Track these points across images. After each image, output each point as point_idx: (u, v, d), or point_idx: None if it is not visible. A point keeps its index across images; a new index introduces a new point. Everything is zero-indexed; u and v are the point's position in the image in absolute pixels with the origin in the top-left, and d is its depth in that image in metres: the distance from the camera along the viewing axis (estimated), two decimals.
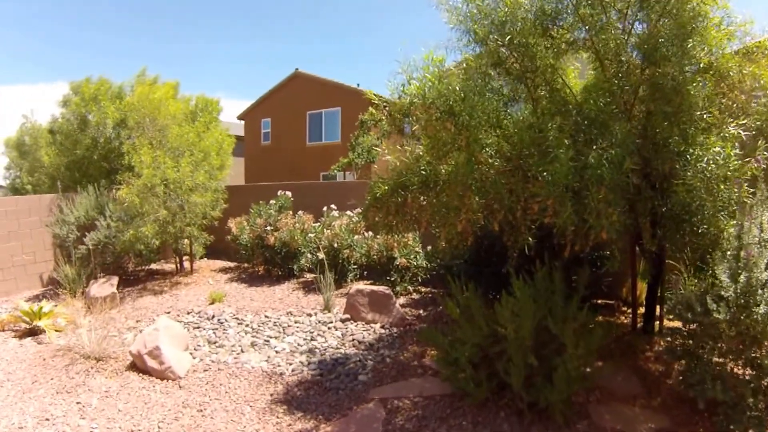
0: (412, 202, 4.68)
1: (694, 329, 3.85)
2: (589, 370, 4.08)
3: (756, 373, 3.42)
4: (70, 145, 10.88)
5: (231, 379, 5.02)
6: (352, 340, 5.92)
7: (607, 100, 4.23)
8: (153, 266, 10.46)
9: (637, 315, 5.58)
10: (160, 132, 9.14)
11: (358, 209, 8.37)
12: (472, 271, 6.22)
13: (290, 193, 9.66)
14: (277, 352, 5.63)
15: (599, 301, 6.34)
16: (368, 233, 7.97)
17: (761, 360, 3.39)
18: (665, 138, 4.10)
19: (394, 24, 72.47)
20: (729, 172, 3.81)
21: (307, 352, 5.59)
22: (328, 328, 6.31)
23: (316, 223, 8.82)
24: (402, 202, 4.73)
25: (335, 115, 22.72)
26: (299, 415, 4.33)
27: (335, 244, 7.95)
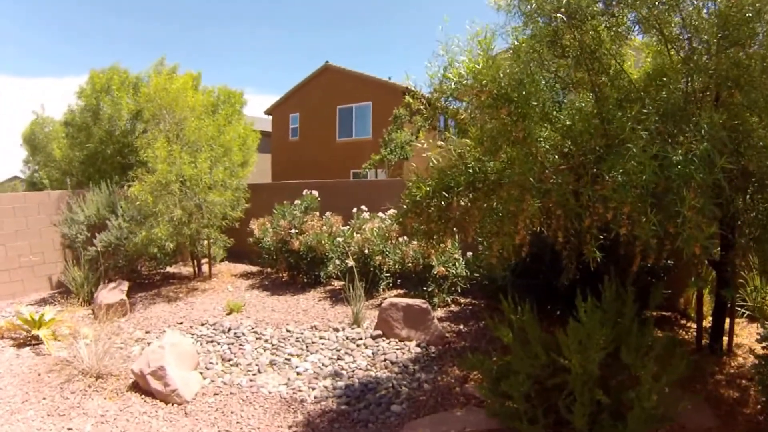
0: (458, 207, 4.04)
1: None
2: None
3: None
4: (83, 139, 10.64)
5: (244, 406, 4.58)
6: (384, 361, 5.44)
7: (678, 87, 3.77)
8: (169, 269, 10.25)
9: (702, 331, 5.16)
10: (177, 125, 8.79)
11: (391, 211, 7.91)
12: (519, 284, 5.77)
13: (317, 193, 9.28)
14: (298, 374, 5.18)
15: (653, 314, 5.74)
16: (402, 238, 7.40)
17: None
18: (748, 131, 3.60)
19: (429, 12, 72.09)
20: None
21: (333, 375, 5.12)
22: (357, 346, 5.84)
23: (345, 226, 8.38)
24: (445, 207, 4.11)
25: (366, 110, 22.31)
26: None
27: (366, 250, 7.49)
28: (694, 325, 5.56)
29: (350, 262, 7.38)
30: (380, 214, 8.07)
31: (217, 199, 8.53)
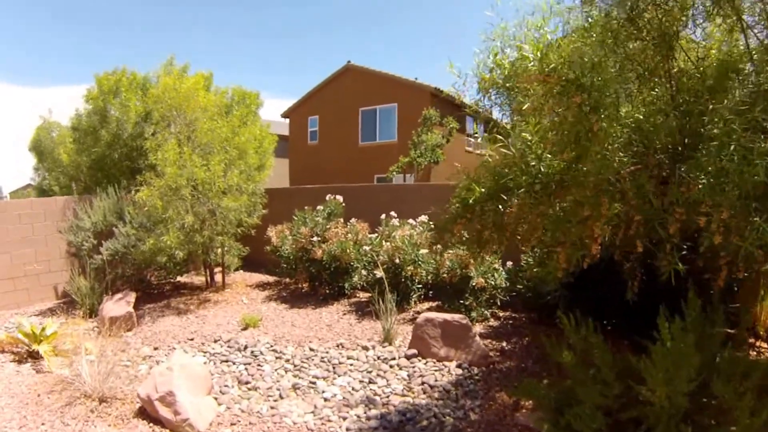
0: (515, 212, 3.53)
1: None
2: None
3: None
4: (91, 143, 10.30)
5: None
6: (422, 384, 4.85)
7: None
8: (180, 279, 9.81)
9: None
10: (189, 126, 8.36)
11: (422, 217, 7.42)
12: (571, 298, 5.32)
13: (341, 198, 8.72)
14: (326, 400, 4.59)
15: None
16: (437, 246, 6.93)
17: None
18: None
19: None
20: None
21: (365, 403, 4.53)
22: (390, 367, 5.27)
23: (372, 234, 7.83)
24: (503, 212, 3.61)
25: (391, 112, 21.58)
26: None
27: (397, 260, 6.92)
28: (766, 345, 5.07)
29: (380, 273, 6.81)
30: (410, 221, 7.53)
31: (231, 205, 8.04)
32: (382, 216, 7.79)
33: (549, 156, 3.54)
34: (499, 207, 3.55)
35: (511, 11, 3.66)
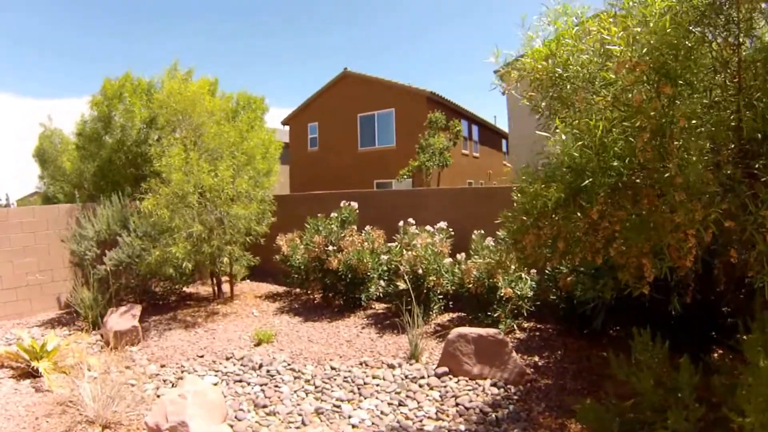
0: (597, 218, 2.95)
1: None
2: None
3: None
4: (94, 149, 9.85)
5: None
6: (456, 406, 4.36)
7: None
8: (186, 289, 9.30)
9: None
10: (195, 131, 7.90)
11: (441, 223, 6.95)
12: (617, 309, 4.87)
13: (356, 204, 8.22)
14: (353, 427, 4.09)
15: None
16: (460, 255, 6.46)
17: None
18: None
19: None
20: None
21: (397, 429, 4.02)
22: (420, 387, 4.77)
23: (391, 242, 7.35)
24: (579, 218, 3.06)
25: (389, 117, 21.55)
26: None
27: (420, 270, 6.41)
28: None
29: (402, 285, 6.31)
30: (428, 227, 7.04)
31: (241, 213, 7.56)
32: (400, 223, 7.28)
33: (634, 153, 3.00)
34: (578, 213, 3.01)
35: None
